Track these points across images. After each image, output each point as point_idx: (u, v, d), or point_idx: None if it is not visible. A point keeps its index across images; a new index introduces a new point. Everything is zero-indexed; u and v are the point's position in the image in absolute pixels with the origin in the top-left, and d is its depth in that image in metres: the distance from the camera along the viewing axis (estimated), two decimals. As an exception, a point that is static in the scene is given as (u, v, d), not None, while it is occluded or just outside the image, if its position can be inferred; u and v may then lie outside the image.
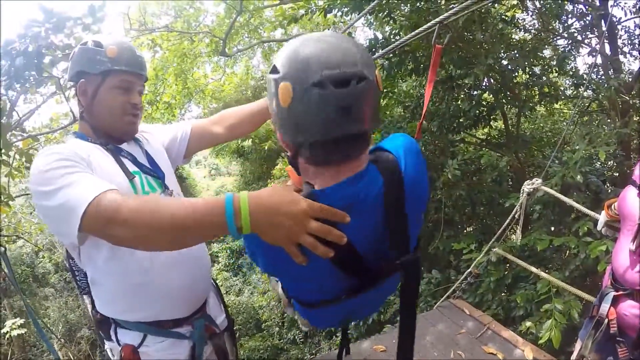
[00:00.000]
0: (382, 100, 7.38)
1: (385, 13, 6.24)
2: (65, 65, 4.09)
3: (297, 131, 1.08)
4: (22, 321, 9.34)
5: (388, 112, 7.50)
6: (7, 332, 8.87)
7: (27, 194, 7.45)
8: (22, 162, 4.77)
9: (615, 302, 2.02)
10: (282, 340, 10.66)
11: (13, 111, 5.29)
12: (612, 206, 2.41)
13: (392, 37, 6.54)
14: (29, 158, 4.60)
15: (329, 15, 6.97)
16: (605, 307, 2.03)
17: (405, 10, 6.41)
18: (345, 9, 6.29)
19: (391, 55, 6.31)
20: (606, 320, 2.02)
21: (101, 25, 4.36)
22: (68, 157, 1.47)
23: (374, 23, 8.00)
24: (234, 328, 2.12)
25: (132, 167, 1.75)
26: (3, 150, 4.07)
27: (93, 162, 1.59)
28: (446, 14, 1.89)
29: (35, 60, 4.00)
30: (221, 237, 17.90)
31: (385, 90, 7.12)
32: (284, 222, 1.04)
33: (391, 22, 6.44)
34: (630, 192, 2.05)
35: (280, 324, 11.03)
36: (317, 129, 1.06)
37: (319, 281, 1.22)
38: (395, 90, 7.42)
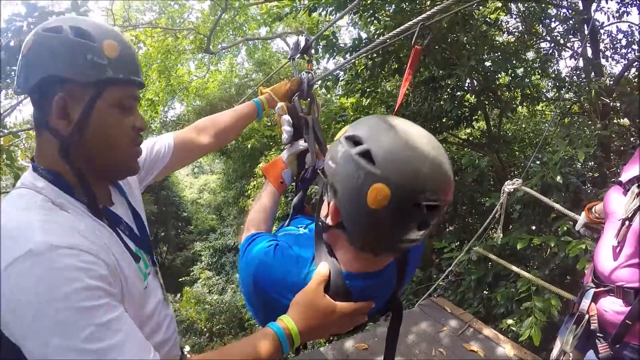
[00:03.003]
0: (365, 100, 7.42)
1: (369, 13, 6.28)
2: None
3: (364, 230, 1.07)
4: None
5: (371, 111, 7.54)
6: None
7: (8, 192, 7.35)
8: (3, 159, 4.69)
9: (595, 298, 2.07)
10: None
11: (-7, 107, 5.22)
12: (593, 209, 2.47)
13: (376, 36, 6.58)
14: (10, 155, 4.53)
15: (313, 14, 6.98)
16: (585, 303, 2.07)
17: (390, 11, 6.44)
18: (330, 8, 6.30)
19: (375, 55, 6.35)
20: (587, 316, 2.06)
21: (84, 20, 4.31)
22: (92, 285, 0.88)
23: (359, 23, 8.03)
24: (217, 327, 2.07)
25: (132, 246, 1.19)
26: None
27: (118, 265, 1.02)
28: (425, 14, 1.91)
29: (16, 56, 3.93)
30: (204, 236, 17.86)
31: (368, 89, 7.17)
32: (327, 329, 1.19)
33: (375, 22, 6.48)
34: (615, 191, 2.12)
35: (263, 322, 11.01)
36: (383, 238, 1.07)
37: None
38: (379, 90, 7.47)
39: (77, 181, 1.09)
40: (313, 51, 2.09)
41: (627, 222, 1.93)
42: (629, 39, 7.52)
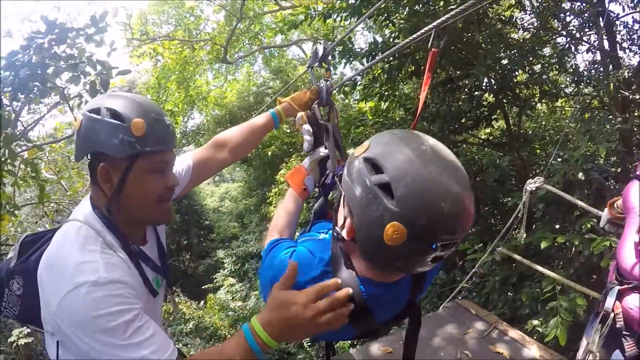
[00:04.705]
0: (383, 103, 7.41)
1: (384, 17, 6.29)
2: (68, 75, 4.12)
3: (377, 257, 1.09)
4: (28, 330, 9.36)
5: (390, 115, 7.53)
6: (14, 340, 8.88)
7: (33, 204, 7.48)
8: (28, 172, 4.80)
9: (620, 296, 2.04)
10: (289, 345, 10.66)
11: (17, 121, 5.36)
12: (615, 204, 2.44)
13: (391, 40, 6.58)
14: (34, 167, 4.64)
15: (328, 20, 7.01)
16: (610, 301, 2.04)
17: (404, 14, 6.44)
18: (344, 14, 6.32)
19: (391, 58, 6.35)
20: (612, 315, 2.03)
21: (103, 35, 4.40)
22: (123, 301, 1.24)
23: (374, 27, 8.03)
24: None
25: (151, 275, 1.51)
26: (9, 160, 4.10)
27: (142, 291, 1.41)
28: (440, 19, 1.92)
29: (39, 71, 4.05)
30: (226, 243, 17.95)
31: (386, 92, 7.15)
32: (295, 321, 1.10)
33: (390, 25, 6.49)
34: (634, 186, 2.08)
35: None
36: (396, 266, 1.10)
37: None
38: (396, 92, 7.45)
39: (116, 224, 1.40)
40: (330, 57, 2.12)
41: None
42: (646, 29, 7.37)
